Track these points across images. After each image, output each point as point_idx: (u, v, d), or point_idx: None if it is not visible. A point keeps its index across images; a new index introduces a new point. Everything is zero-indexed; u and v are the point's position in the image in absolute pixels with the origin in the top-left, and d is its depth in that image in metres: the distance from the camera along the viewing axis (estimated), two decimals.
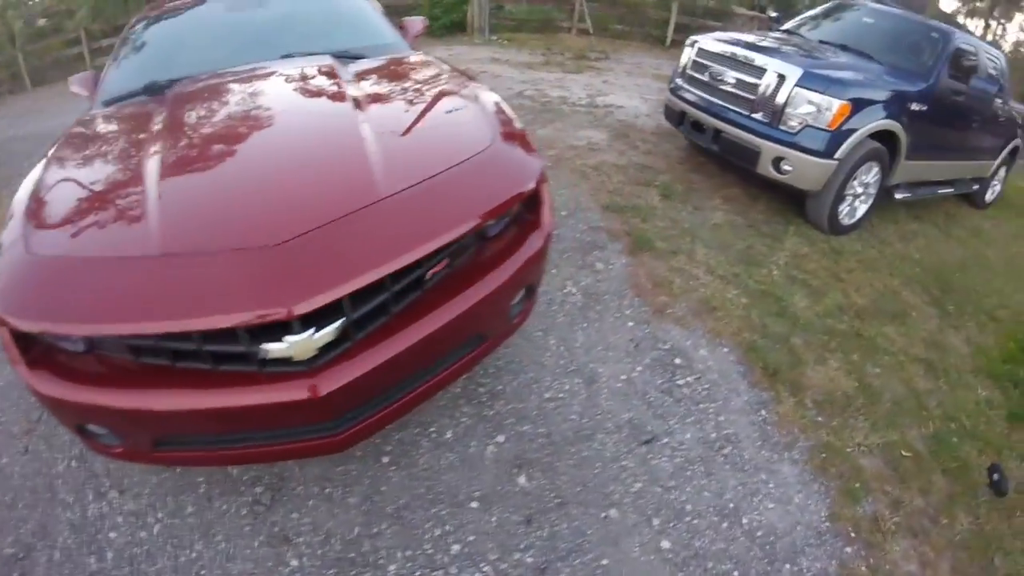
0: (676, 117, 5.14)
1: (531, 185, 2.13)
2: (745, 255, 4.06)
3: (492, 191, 2.01)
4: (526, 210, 2.23)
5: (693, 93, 4.95)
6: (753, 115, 4.43)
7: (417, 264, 1.77)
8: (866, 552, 2.45)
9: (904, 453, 2.96)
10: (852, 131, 4.21)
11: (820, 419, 2.94)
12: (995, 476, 3.05)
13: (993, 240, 5.87)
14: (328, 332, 1.61)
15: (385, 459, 2.38)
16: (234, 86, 2.61)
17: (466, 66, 7.92)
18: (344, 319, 1.64)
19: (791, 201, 4.77)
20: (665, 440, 2.63)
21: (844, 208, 4.61)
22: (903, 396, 3.29)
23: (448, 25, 11.40)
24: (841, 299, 3.87)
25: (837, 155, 4.23)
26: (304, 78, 2.62)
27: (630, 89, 7.42)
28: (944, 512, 2.79)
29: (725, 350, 3.17)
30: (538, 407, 2.69)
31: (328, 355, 1.67)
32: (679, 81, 5.18)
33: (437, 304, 1.86)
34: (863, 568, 2.40)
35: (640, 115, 6.35)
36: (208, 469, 2.30)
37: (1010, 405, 3.64)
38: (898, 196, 5.03)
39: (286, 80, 2.62)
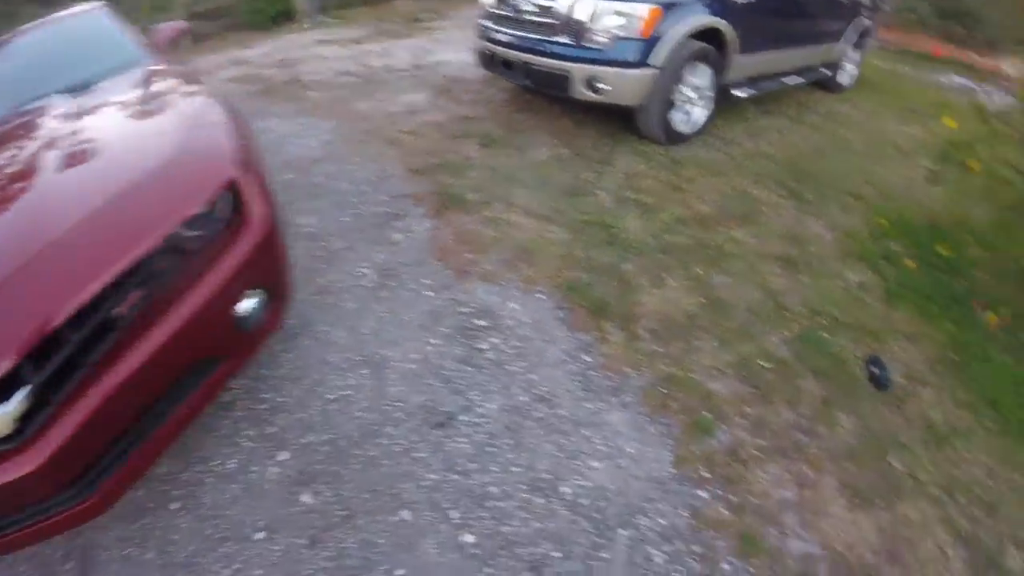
0: (487, 60, 4.67)
1: (214, 189, 1.89)
2: (571, 187, 3.60)
3: (166, 207, 1.79)
4: (234, 211, 1.95)
5: (499, 31, 4.47)
6: (556, 39, 3.98)
7: (93, 306, 1.57)
8: (725, 490, 2.07)
9: (764, 364, 2.57)
10: (667, 35, 3.81)
11: (657, 349, 2.50)
12: (874, 369, 2.69)
13: (851, 121, 5.59)
14: (18, 402, 1.47)
15: (174, 505, 2.02)
16: None
17: (290, 53, 7.36)
18: (29, 385, 1.48)
19: (623, 121, 4.32)
20: (463, 418, 2.16)
21: (678, 116, 4.20)
22: (758, 302, 2.90)
23: (275, 15, 10.62)
24: (681, 211, 3.45)
25: (654, 62, 3.82)
26: (13, 130, 2.48)
27: (459, 43, 6.90)
28: (820, 420, 2.42)
29: (541, 297, 2.69)
30: (322, 411, 2.21)
31: (34, 423, 1.51)
32: (485, 23, 4.70)
33: (137, 340, 1.66)
34: (724, 510, 2.01)
35: (467, 67, 5.84)
36: (25, 553, 2.02)
37: (887, 284, 3.31)
38: (739, 94, 4.66)
39: None
